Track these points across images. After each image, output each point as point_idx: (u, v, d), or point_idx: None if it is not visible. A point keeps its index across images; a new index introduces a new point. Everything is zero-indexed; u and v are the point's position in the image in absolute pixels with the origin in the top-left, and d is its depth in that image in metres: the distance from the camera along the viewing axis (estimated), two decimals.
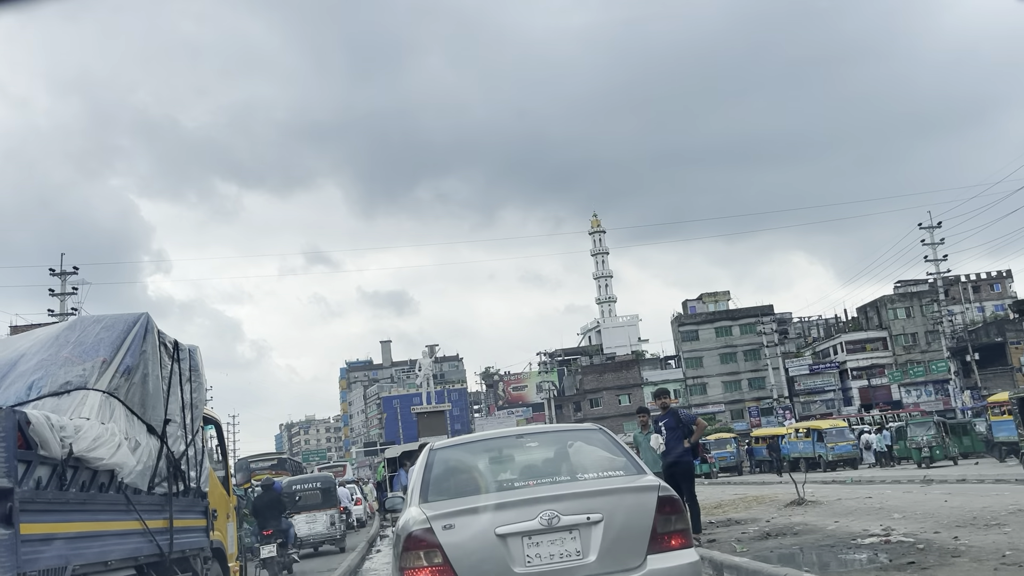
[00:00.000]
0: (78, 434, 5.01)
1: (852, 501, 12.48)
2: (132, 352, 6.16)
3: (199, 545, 7.22)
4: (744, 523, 11.70)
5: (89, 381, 5.71)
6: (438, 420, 46.75)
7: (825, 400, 77.91)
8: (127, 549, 5.67)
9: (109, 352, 5.99)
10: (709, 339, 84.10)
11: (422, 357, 69.28)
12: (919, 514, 10.25)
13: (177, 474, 6.70)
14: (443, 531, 4.31)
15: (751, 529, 10.81)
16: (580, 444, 5.37)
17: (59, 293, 40.85)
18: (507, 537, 4.29)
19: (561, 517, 4.30)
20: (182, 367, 7.13)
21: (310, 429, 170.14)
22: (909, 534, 8.50)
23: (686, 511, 4.96)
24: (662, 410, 10.71)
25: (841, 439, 35.20)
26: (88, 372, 5.78)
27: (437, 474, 5.04)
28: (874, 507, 11.37)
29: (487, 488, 4.88)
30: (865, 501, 12.24)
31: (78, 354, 5.95)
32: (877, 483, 20.27)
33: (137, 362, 6.19)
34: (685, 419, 10.40)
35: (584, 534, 4.32)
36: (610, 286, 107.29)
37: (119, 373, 5.96)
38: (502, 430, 6.35)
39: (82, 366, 5.83)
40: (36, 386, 5.69)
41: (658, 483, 4.64)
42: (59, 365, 5.83)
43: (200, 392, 7.51)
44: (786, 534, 9.82)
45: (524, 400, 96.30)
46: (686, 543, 4.49)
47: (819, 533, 9.47)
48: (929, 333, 74.47)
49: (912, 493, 13.59)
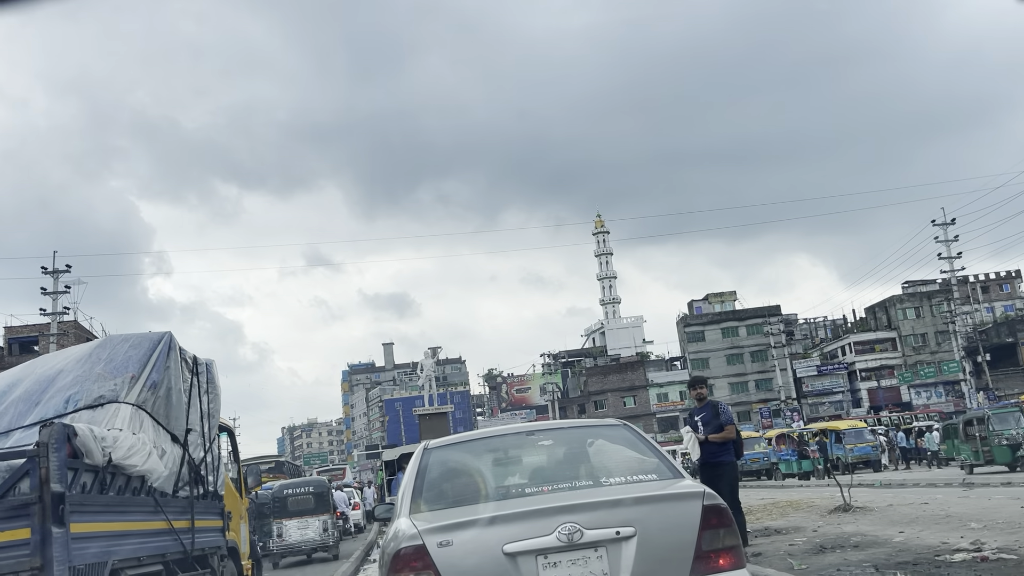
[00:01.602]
0: (115, 444, 5.57)
1: (906, 507, 11.04)
2: (157, 368, 6.66)
3: (217, 544, 7.76)
4: (787, 532, 10.29)
5: (120, 395, 6.23)
6: (440, 422, 45.51)
7: (833, 402, 76.91)
8: (156, 547, 6.22)
9: (137, 368, 6.50)
10: (715, 340, 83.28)
11: (424, 358, 68.19)
12: (1001, 523, 8.81)
13: (198, 479, 7.25)
14: (438, 548, 3.55)
15: (798, 540, 9.38)
16: (602, 442, 4.58)
17: (51, 292, 39.80)
18: (517, 556, 3.54)
19: (584, 531, 3.55)
20: (200, 380, 7.64)
21: (312, 432, 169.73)
22: (1006, 548, 7.08)
23: (735, 524, 3.99)
24: (698, 401, 9.27)
25: (860, 440, 33.88)
26: (119, 387, 6.30)
27: (432, 478, 4.27)
28: (937, 514, 9.95)
29: (492, 495, 4.05)
30: (921, 507, 10.80)
31: (109, 370, 6.47)
32: (910, 486, 18.82)
33: (162, 377, 6.69)
34: (724, 416, 8.89)
35: (613, 552, 3.58)
36: (614, 287, 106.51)
37: (146, 387, 6.47)
38: (509, 426, 5.49)
39: (113, 381, 6.35)
40: (73, 400, 6.20)
41: (703, 489, 3.83)
42: (93, 380, 6.35)
43: (216, 403, 8.04)
44: (844, 546, 8.40)
45: (528, 402, 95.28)
46: (737, 562, 3.70)
47: (887, 546, 8.04)
48: (939, 333, 73.47)
49: (970, 498, 12.16)
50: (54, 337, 40.99)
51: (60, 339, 44.05)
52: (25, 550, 4.62)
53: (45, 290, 39.81)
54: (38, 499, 4.69)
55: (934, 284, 76.71)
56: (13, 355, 53.65)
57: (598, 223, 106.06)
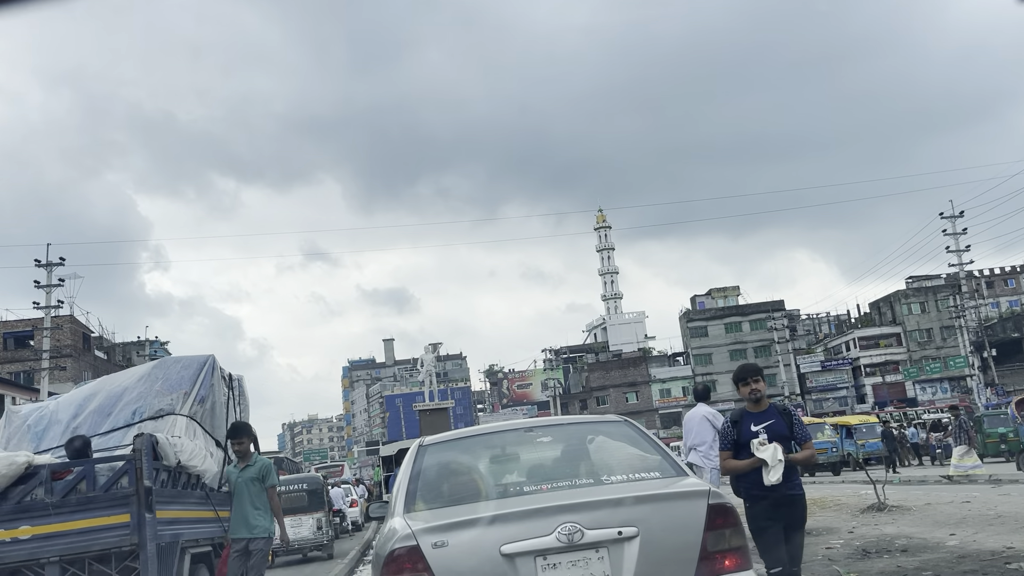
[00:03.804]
0: (182, 449, 6.95)
1: (946, 506, 10.17)
2: (204, 385, 8.06)
3: None
4: (819, 533, 9.40)
5: (176, 408, 7.64)
6: (441, 418, 44.80)
7: (838, 397, 76.25)
8: (207, 531, 7.59)
9: (188, 385, 7.89)
10: (718, 335, 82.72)
11: (424, 353, 67.44)
12: None
13: None
14: (433, 549, 3.47)
15: (835, 542, 8.49)
16: (603, 439, 4.48)
17: (44, 285, 38.99)
18: (515, 557, 3.46)
19: (585, 531, 3.46)
20: (234, 393, 8.99)
21: (313, 429, 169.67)
22: None
23: (743, 523, 3.92)
24: (753, 404, 5.42)
25: (872, 435, 33.14)
26: (175, 401, 7.69)
27: (427, 476, 4.17)
28: (986, 514, 9.06)
29: (489, 494, 3.96)
30: (964, 506, 9.92)
31: (166, 387, 7.85)
32: (931, 482, 17.95)
33: (208, 392, 8.08)
34: (803, 430, 5.50)
35: (615, 553, 3.48)
36: (616, 282, 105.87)
37: (196, 401, 7.85)
38: (507, 423, 5.36)
39: (170, 396, 7.74)
40: (138, 412, 7.62)
41: (707, 488, 3.72)
42: (153, 396, 7.75)
43: (246, 412, 9.41)
44: (891, 550, 7.51)
45: (529, 398, 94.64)
46: (744, 563, 3.59)
47: (941, 551, 7.16)
48: (945, 329, 72.80)
49: (1012, 496, 11.26)
50: (47, 331, 40.23)
51: (54, 334, 43.35)
52: (125, 531, 6.14)
53: (38, 283, 39.04)
54: (135, 492, 6.19)
55: (939, 279, 76.10)
56: (8, 350, 52.99)
57: (599, 218, 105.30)
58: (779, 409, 5.40)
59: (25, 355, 48.54)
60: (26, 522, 6.06)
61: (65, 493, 6.15)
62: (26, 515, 6.08)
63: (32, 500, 6.13)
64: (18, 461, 6.19)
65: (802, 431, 5.41)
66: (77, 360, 50.67)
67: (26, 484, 6.16)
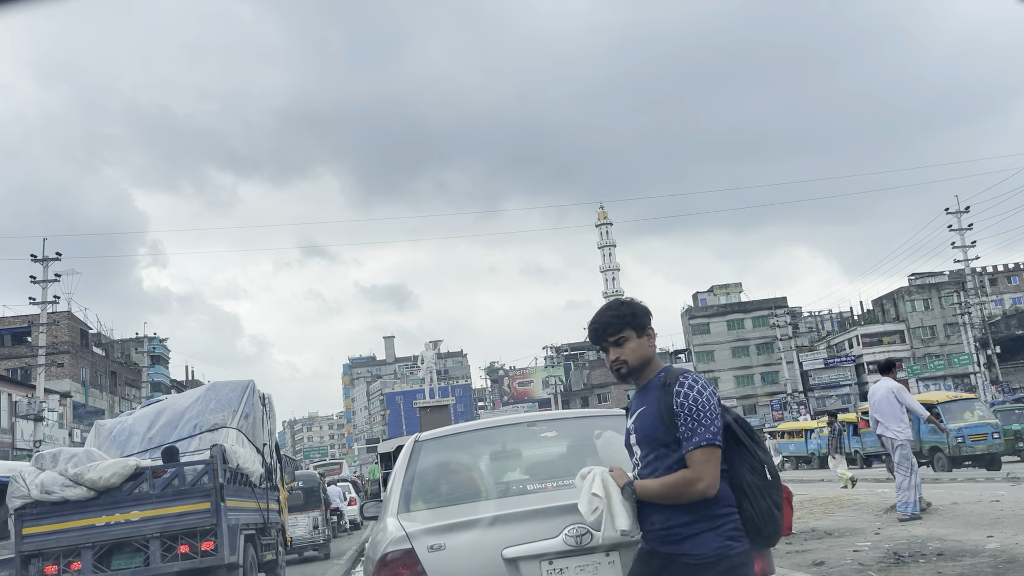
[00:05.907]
0: (238, 455, 9.32)
1: (975, 505, 9.63)
2: (247, 403, 10.52)
3: (277, 521, 11.50)
4: (841, 535, 8.87)
5: (228, 422, 10.03)
6: (441, 415, 44.32)
7: (840, 395, 75.76)
8: (252, 519, 9.72)
9: (236, 404, 10.36)
10: (720, 332, 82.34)
11: (425, 350, 66.92)
12: None
13: (269, 477, 11.05)
14: (429, 552, 3.27)
15: (862, 545, 7.95)
16: (611, 434, 4.04)
17: (40, 280, 38.53)
18: (519, 561, 3.24)
19: (594, 533, 3.15)
20: (267, 409, 11.48)
21: (313, 426, 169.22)
22: None
23: None
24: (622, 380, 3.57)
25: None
26: (227, 417, 10.12)
27: (423, 474, 3.98)
28: (1020, 514, 8.52)
29: (490, 493, 3.81)
30: (995, 505, 9.39)
31: (219, 406, 10.31)
32: (945, 481, 17.41)
33: (250, 410, 10.57)
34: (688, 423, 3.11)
35: (626, 557, 3.17)
36: (617, 279, 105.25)
37: (242, 417, 10.27)
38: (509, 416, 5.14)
39: (222, 413, 10.19)
40: (198, 426, 10.02)
41: None
42: (209, 413, 10.20)
43: (273, 424, 12.01)
44: (926, 554, 6.97)
45: (530, 395, 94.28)
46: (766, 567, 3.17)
47: (982, 555, 6.61)
48: (948, 326, 72.29)
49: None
50: (43, 327, 39.68)
51: (51, 330, 42.77)
52: (206, 514, 8.17)
53: (35, 279, 38.53)
54: (213, 486, 8.28)
55: (942, 275, 75.64)
56: (5, 346, 52.48)
57: (600, 215, 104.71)
58: (663, 383, 3.03)
59: (22, 351, 48.07)
60: (136, 508, 8.10)
61: (163, 487, 8.26)
62: (136, 503, 8.13)
63: (139, 492, 8.23)
64: (130, 464, 8.31)
65: (694, 424, 2.81)
66: (75, 356, 50.17)
67: (135, 480, 8.24)
